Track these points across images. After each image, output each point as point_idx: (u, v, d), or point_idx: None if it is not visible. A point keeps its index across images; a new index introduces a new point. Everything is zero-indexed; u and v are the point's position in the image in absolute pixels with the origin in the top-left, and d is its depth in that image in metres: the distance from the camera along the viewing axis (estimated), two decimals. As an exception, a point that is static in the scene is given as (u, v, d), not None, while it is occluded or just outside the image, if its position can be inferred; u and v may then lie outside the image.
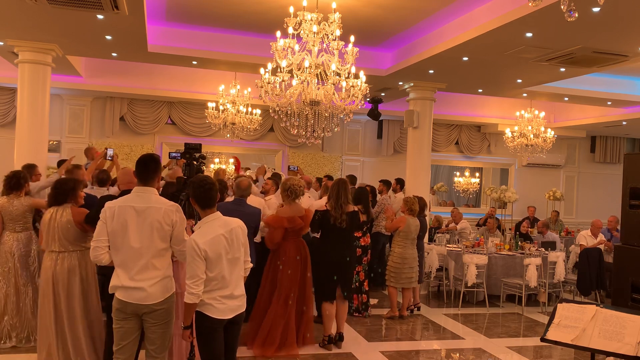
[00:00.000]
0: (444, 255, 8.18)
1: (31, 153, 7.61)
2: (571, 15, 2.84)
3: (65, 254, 4.39)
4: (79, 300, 4.40)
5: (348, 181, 5.94)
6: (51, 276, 4.35)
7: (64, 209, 4.42)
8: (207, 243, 3.26)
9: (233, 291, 3.40)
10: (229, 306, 3.37)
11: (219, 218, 3.43)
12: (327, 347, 5.61)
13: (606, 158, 14.53)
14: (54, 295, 4.35)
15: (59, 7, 6.10)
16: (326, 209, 5.57)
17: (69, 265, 4.38)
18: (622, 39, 6.37)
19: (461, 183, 13.92)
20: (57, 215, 4.38)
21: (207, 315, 3.32)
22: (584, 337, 3.56)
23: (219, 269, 3.32)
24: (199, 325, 3.36)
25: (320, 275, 5.58)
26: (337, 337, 5.70)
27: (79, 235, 4.43)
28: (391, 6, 6.81)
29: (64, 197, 4.44)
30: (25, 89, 7.82)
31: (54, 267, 4.36)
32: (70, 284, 4.37)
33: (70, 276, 4.37)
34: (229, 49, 8.38)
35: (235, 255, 3.41)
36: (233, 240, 3.39)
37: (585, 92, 9.92)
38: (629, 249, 5.27)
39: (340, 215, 5.50)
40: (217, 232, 3.34)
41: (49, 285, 4.36)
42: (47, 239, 4.40)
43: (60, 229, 4.36)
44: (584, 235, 8.63)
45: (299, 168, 8.79)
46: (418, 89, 9.41)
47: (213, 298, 3.31)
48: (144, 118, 11.47)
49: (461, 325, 6.94)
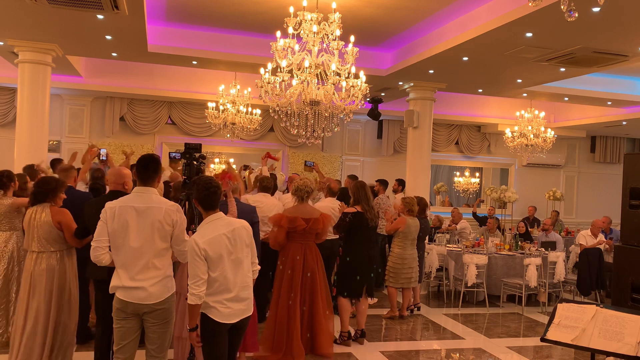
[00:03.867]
0: (444, 255, 8.18)
1: (31, 153, 7.62)
2: (571, 15, 2.84)
3: (44, 254, 4.32)
4: (53, 302, 4.30)
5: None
6: (29, 276, 4.30)
7: (43, 209, 4.34)
8: (207, 242, 3.23)
9: (238, 294, 3.35)
10: (233, 310, 3.33)
11: (222, 218, 3.41)
12: (345, 342, 5.63)
13: (606, 158, 14.53)
14: (29, 295, 4.29)
15: (59, 7, 6.11)
16: (358, 211, 5.62)
17: (47, 266, 4.30)
18: (622, 39, 6.37)
19: (461, 183, 13.92)
20: (37, 215, 4.32)
21: (212, 318, 3.29)
22: (584, 337, 3.56)
23: (221, 270, 3.28)
24: (203, 327, 3.33)
25: (349, 275, 5.62)
26: (360, 334, 5.80)
27: (58, 235, 4.35)
28: (391, 6, 6.81)
29: (44, 197, 4.37)
30: (25, 89, 7.83)
31: (32, 268, 4.30)
32: (47, 285, 4.29)
33: (48, 277, 4.28)
34: (229, 49, 8.38)
35: (239, 256, 3.36)
36: (236, 241, 3.35)
37: (585, 92, 9.93)
38: (629, 249, 5.27)
39: (373, 215, 5.70)
40: (218, 231, 3.31)
41: (27, 286, 4.31)
42: (27, 239, 4.36)
43: (40, 229, 4.30)
44: (584, 235, 8.63)
45: (315, 164, 8.51)
46: (418, 89, 9.41)
47: (218, 301, 3.27)
48: (144, 118, 11.47)
49: (461, 325, 6.94)
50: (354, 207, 5.68)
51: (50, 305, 4.31)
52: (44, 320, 4.30)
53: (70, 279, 4.44)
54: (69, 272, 4.43)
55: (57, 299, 4.33)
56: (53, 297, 4.31)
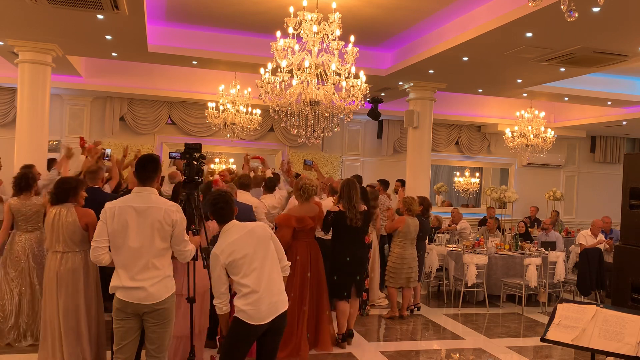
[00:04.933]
0: (444, 255, 8.18)
1: (31, 153, 7.62)
2: (571, 15, 2.84)
3: (69, 254, 4.38)
4: (82, 299, 4.40)
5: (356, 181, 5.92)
6: (55, 276, 4.35)
7: (67, 209, 4.38)
8: (227, 247, 3.39)
9: (266, 293, 3.41)
10: (264, 311, 3.38)
11: (235, 225, 3.55)
12: (341, 345, 5.62)
13: (606, 158, 14.53)
14: (57, 294, 4.36)
15: (59, 7, 6.10)
16: (340, 210, 5.51)
17: (73, 266, 4.37)
18: (622, 39, 6.37)
19: (461, 183, 13.92)
20: (62, 216, 4.35)
21: (243, 320, 3.36)
22: (584, 337, 3.56)
23: (244, 272, 3.38)
24: (234, 330, 3.41)
25: (337, 275, 5.55)
26: (347, 333, 5.71)
27: (84, 235, 4.42)
28: (391, 6, 6.81)
29: (65, 196, 4.40)
30: (25, 89, 7.82)
31: (57, 267, 4.35)
32: (74, 284, 4.37)
33: (74, 276, 4.36)
34: (229, 49, 8.38)
35: (260, 255, 3.46)
36: (254, 240, 3.47)
37: (585, 92, 9.92)
38: (629, 249, 5.27)
39: (355, 215, 5.50)
40: (234, 237, 3.45)
41: (53, 285, 4.36)
42: (50, 239, 4.39)
43: (66, 230, 4.34)
44: (584, 235, 8.63)
45: (314, 163, 8.45)
46: (418, 89, 9.41)
47: (247, 304, 3.36)
48: (144, 118, 11.47)
49: (461, 325, 6.94)
50: (338, 206, 5.60)
51: (81, 302, 4.38)
52: (80, 316, 4.37)
53: (94, 278, 4.53)
54: (92, 270, 4.51)
55: (86, 296, 4.42)
56: (82, 294, 4.40)
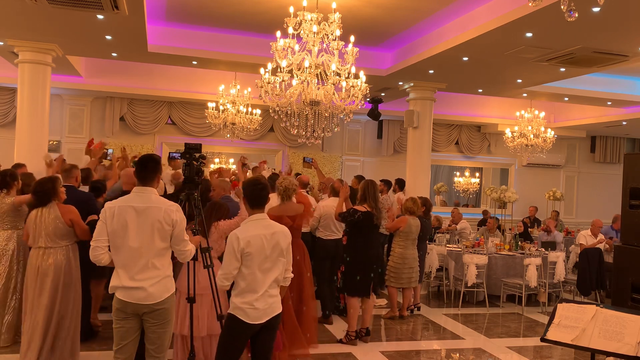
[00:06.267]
0: (444, 255, 8.18)
1: (31, 153, 7.62)
2: (571, 15, 2.84)
3: (51, 249, 4.45)
4: (61, 295, 4.44)
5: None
6: (36, 271, 4.42)
7: (49, 207, 4.48)
8: (247, 238, 3.32)
9: (265, 294, 3.39)
10: (261, 310, 3.37)
11: (265, 219, 3.48)
12: (352, 342, 5.65)
13: (606, 158, 14.53)
14: (39, 289, 4.40)
15: (59, 7, 6.11)
16: (367, 210, 5.59)
17: (55, 261, 4.44)
18: (622, 39, 6.37)
19: (461, 183, 13.92)
20: (44, 213, 4.45)
21: (240, 319, 3.34)
22: (584, 337, 3.56)
23: (253, 269, 3.34)
24: (230, 327, 3.39)
25: (356, 274, 5.62)
26: (365, 332, 5.80)
27: (67, 231, 4.50)
28: (391, 6, 6.81)
29: (47, 198, 4.50)
30: (25, 89, 7.82)
31: (39, 263, 4.42)
32: (54, 279, 4.42)
33: (55, 272, 4.42)
34: (229, 49, 8.38)
35: (272, 260, 3.41)
36: (273, 245, 3.41)
37: (585, 92, 9.93)
38: (629, 249, 5.26)
39: (380, 214, 5.69)
40: (259, 232, 3.38)
41: (33, 282, 4.43)
42: (33, 236, 4.48)
43: (49, 226, 4.43)
44: (584, 235, 8.63)
45: (313, 160, 8.38)
46: (418, 89, 9.41)
47: (245, 302, 3.33)
48: (144, 118, 11.47)
49: (461, 325, 6.93)
50: (363, 206, 5.65)
51: (57, 299, 4.41)
52: (49, 313, 4.40)
53: (75, 274, 4.57)
54: (73, 267, 4.56)
55: (63, 293, 4.45)
56: (60, 291, 4.43)
